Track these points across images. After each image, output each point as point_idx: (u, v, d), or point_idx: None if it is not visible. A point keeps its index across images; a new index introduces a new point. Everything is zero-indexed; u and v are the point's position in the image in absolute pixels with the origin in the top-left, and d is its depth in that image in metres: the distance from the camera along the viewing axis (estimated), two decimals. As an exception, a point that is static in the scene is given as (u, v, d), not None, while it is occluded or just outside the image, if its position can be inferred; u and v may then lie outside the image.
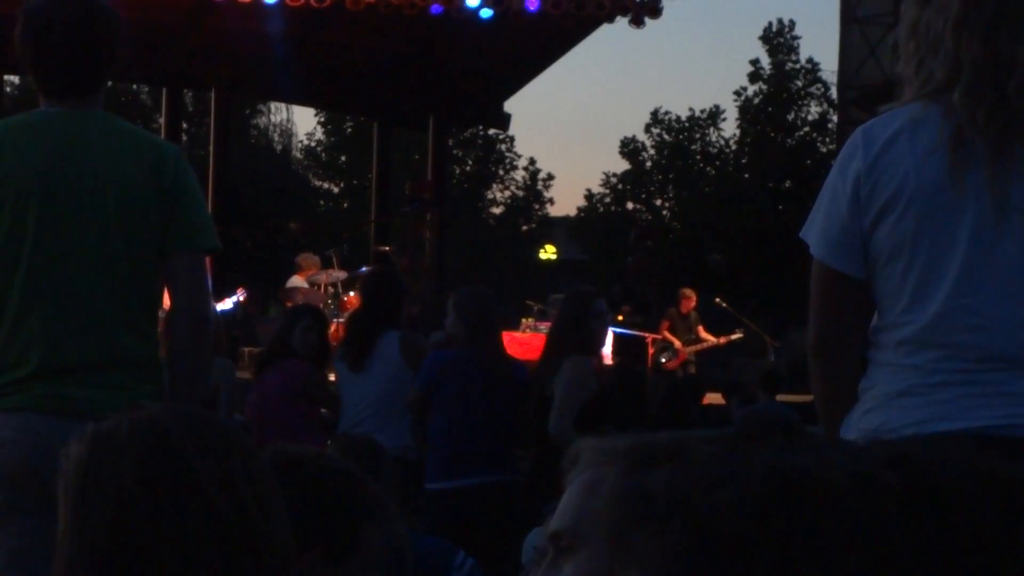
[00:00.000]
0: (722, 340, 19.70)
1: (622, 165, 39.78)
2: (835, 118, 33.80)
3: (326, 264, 18.01)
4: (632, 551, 1.30)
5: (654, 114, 39.44)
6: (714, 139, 38.95)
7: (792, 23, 36.95)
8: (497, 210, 45.26)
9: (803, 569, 1.20)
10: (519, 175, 44.60)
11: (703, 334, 19.43)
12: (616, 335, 17.93)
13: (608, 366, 14.20)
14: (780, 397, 13.42)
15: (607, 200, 39.91)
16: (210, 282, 4.45)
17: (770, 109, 36.46)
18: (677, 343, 19.16)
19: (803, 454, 1.28)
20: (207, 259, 4.35)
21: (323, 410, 8.58)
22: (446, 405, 7.67)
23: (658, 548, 1.26)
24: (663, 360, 18.96)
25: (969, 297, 2.96)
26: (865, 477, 1.24)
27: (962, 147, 2.94)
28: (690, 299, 19.51)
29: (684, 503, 1.27)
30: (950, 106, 2.97)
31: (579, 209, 41.55)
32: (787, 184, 35.33)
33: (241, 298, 16.42)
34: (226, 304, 16.04)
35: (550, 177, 44.54)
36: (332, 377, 8.79)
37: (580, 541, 1.84)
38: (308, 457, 2.70)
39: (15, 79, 31.79)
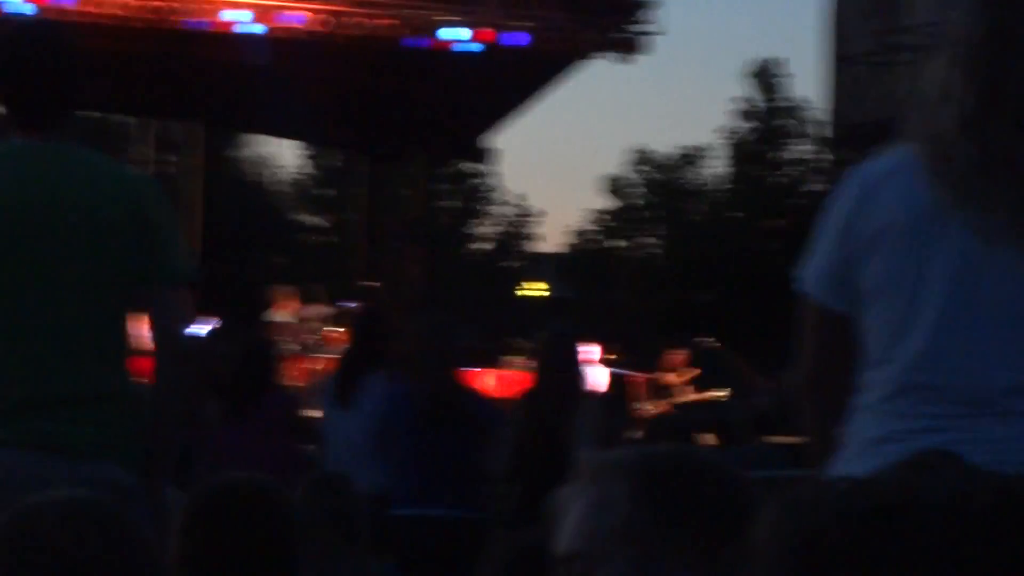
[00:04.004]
0: (706, 396, 19.65)
1: (613, 202, 39.64)
2: (825, 156, 33.82)
3: (309, 298, 17.84)
4: (759, 562, 1.34)
5: (636, 151, 39.45)
6: (703, 176, 38.90)
7: (783, 61, 37.08)
8: (486, 245, 45.14)
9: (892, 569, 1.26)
10: (507, 210, 44.50)
11: (690, 395, 19.50)
12: (611, 374, 17.87)
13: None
14: (772, 439, 13.23)
15: (597, 236, 39.78)
16: (190, 313, 4.39)
17: (760, 147, 36.40)
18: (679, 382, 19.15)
19: (927, 475, 1.34)
20: (187, 289, 4.29)
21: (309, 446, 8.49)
22: (399, 439, 7.66)
23: (774, 555, 1.30)
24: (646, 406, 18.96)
25: (950, 338, 2.94)
26: (964, 492, 1.29)
27: (942, 175, 2.93)
28: (678, 356, 19.52)
29: (806, 512, 1.31)
30: (937, 140, 2.96)
31: (569, 246, 41.44)
32: (777, 222, 35.25)
33: (216, 326, 16.22)
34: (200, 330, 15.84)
35: (538, 213, 44.50)
36: (316, 414, 8.72)
37: (596, 562, 1.81)
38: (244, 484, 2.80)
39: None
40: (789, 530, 1.30)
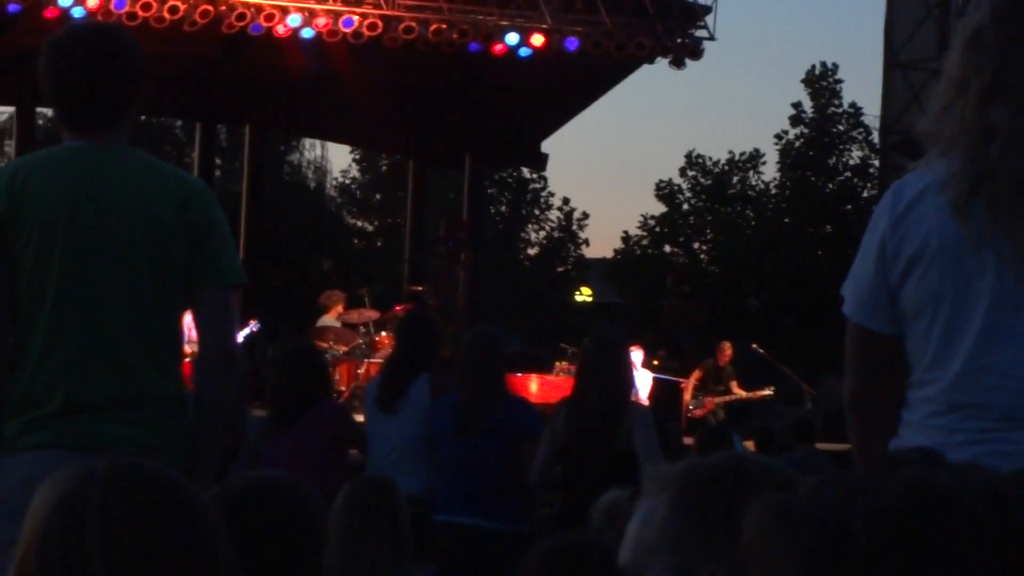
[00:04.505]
0: (753, 395, 19.50)
1: (660, 207, 39.47)
2: (877, 163, 33.60)
3: (355, 301, 17.83)
4: (766, 561, 1.35)
5: (688, 156, 39.21)
6: (754, 182, 38.67)
7: (835, 66, 36.63)
8: (532, 251, 45.07)
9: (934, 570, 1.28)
10: (554, 215, 44.41)
11: (735, 389, 19.31)
12: (655, 380, 17.77)
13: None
14: (816, 446, 13.11)
15: (644, 242, 39.61)
16: (236, 317, 4.41)
17: (811, 153, 36.17)
18: (688, 396, 19.00)
19: (941, 472, 1.38)
20: (234, 293, 4.32)
21: (352, 451, 8.52)
22: (442, 447, 7.74)
23: (790, 555, 1.33)
24: (691, 408, 18.86)
25: (990, 356, 2.97)
26: (997, 493, 1.34)
27: (977, 205, 2.93)
28: (727, 352, 19.35)
29: (822, 511, 1.34)
30: (973, 163, 2.95)
31: (615, 251, 41.29)
32: (827, 229, 35.05)
33: (254, 329, 16.19)
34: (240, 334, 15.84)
35: (585, 216, 44.33)
36: (361, 419, 8.69)
37: (638, 573, 1.85)
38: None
39: (47, 111, 31.81)
40: (810, 525, 1.33)
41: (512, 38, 17.54)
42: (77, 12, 15.71)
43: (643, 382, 17.40)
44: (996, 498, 1.33)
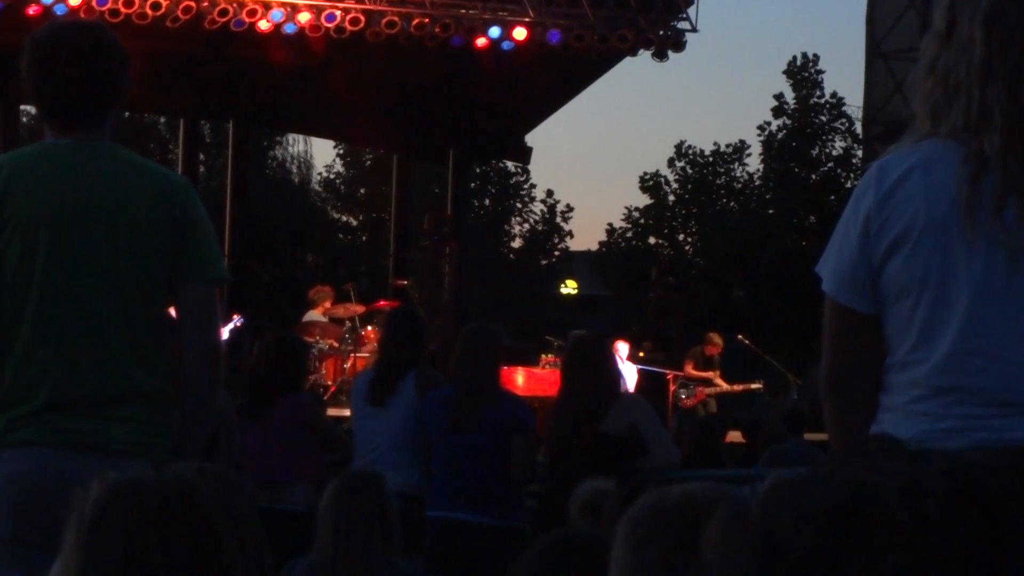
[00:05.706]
0: (737, 388, 19.51)
1: (644, 199, 39.50)
2: (860, 153, 33.64)
3: (342, 297, 17.84)
4: (723, 568, 1.37)
5: (678, 147, 39.18)
6: (739, 174, 38.69)
7: (816, 57, 36.70)
8: (516, 244, 45.06)
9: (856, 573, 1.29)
10: (537, 207, 44.39)
11: (717, 380, 19.30)
12: (640, 371, 17.80)
13: None
14: (806, 436, 13.15)
15: (629, 235, 39.62)
16: (220, 313, 4.40)
17: (794, 144, 36.20)
18: (703, 375, 19.02)
19: (879, 470, 1.38)
20: (217, 290, 4.32)
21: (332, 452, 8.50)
22: (435, 442, 7.74)
23: (741, 562, 1.35)
24: (683, 397, 18.86)
25: (978, 339, 2.95)
26: (914, 485, 1.35)
27: (978, 188, 2.90)
28: (716, 345, 19.38)
29: (764, 518, 1.35)
30: (972, 148, 2.93)
31: (600, 243, 41.30)
32: (811, 220, 35.08)
33: (238, 324, 16.17)
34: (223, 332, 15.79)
35: (569, 209, 44.31)
36: (346, 413, 8.70)
37: None
38: None
39: (31, 109, 31.74)
40: (757, 533, 1.34)
41: (494, 32, 17.53)
42: (60, 9, 15.69)
43: (629, 375, 17.42)
44: (911, 492, 1.33)
